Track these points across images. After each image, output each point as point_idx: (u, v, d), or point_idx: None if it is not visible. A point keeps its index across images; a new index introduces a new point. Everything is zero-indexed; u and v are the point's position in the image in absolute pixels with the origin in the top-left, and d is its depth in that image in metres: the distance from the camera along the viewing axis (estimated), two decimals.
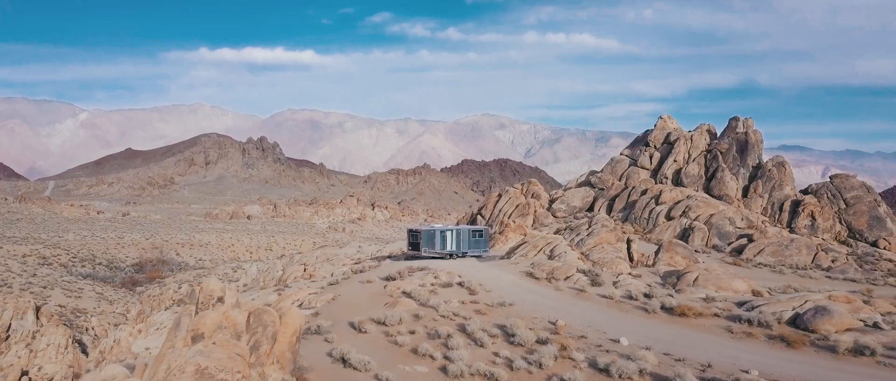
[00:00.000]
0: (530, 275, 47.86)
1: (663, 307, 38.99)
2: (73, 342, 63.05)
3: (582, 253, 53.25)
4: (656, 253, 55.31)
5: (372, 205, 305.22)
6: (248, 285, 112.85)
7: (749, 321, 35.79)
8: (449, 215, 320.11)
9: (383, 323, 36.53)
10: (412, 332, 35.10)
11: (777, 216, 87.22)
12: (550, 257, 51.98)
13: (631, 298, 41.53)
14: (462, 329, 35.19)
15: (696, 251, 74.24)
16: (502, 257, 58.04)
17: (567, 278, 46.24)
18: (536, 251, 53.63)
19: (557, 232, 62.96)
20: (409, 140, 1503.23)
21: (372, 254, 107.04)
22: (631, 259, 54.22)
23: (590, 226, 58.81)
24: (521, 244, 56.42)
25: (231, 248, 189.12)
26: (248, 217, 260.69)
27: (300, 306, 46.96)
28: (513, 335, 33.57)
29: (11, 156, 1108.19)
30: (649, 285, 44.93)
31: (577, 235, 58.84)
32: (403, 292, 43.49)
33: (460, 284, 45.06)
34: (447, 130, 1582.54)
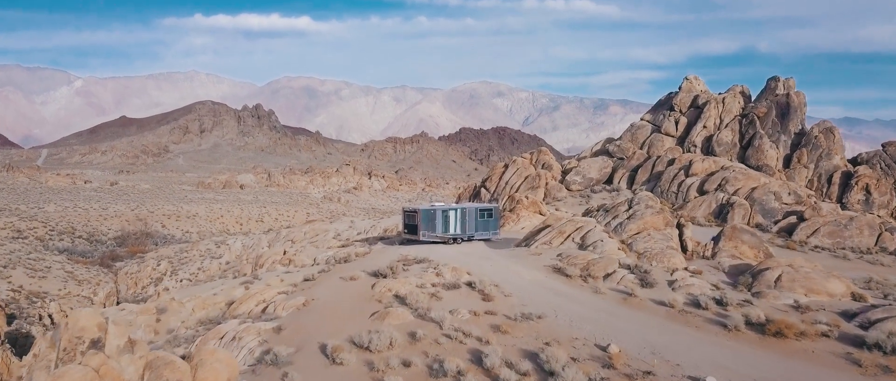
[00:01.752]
0: (559, 271, 37.38)
1: (748, 322, 28.62)
2: (4, 343, 53.11)
3: (622, 242, 42.70)
4: (715, 241, 44.61)
5: (368, 174, 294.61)
6: (230, 262, 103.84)
7: (879, 347, 25.47)
8: (447, 183, 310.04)
9: (367, 348, 26.27)
10: (407, 364, 24.85)
11: (825, 190, 76.82)
12: (582, 247, 41.46)
13: (698, 306, 31.15)
14: (477, 360, 24.96)
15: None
16: (519, 245, 47.35)
17: (607, 275, 35.80)
18: (563, 238, 43.08)
19: (588, 213, 51.85)
20: (406, 108, 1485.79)
21: (364, 230, 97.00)
22: (684, 249, 43.81)
23: (630, 206, 47.82)
24: (543, 229, 45.73)
25: (220, 219, 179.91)
26: (241, 187, 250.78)
27: (264, 310, 36.79)
28: (552, 374, 23.32)
29: (6, 124, 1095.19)
30: (716, 287, 34.52)
31: (613, 217, 47.91)
32: (396, 296, 33.24)
33: (470, 284, 34.65)
34: (445, 98, 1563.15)
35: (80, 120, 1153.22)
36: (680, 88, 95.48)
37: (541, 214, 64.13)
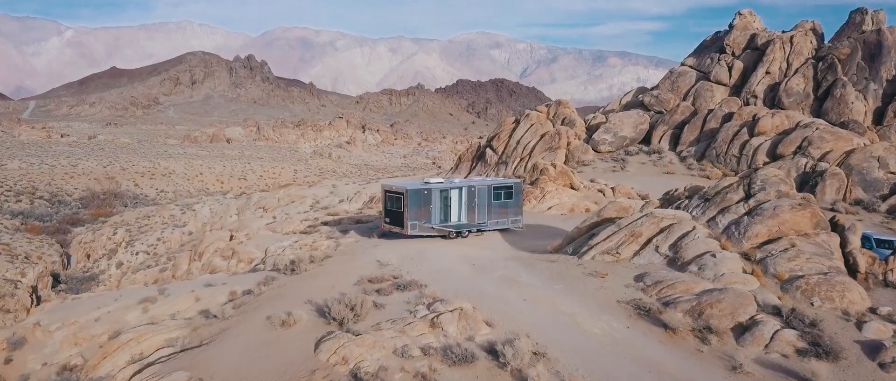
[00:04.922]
0: (647, 315, 21.00)
1: None
2: None
3: (746, 256, 25.97)
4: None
5: (362, 128, 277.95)
6: (194, 232, 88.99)
7: None
8: (444, 138, 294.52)
9: None
10: None
11: None
12: (676, 263, 24.14)
13: None
14: None
15: (831, 209, 47.85)
16: (561, 250, 30.19)
17: (743, 328, 19.58)
18: (639, 244, 26.12)
19: (671, 201, 33.63)
20: (402, 59, 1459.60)
21: (347, 197, 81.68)
22: (851, 270, 26.89)
23: (748, 194, 29.29)
24: (600, 223, 28.90)
25: (199, 177, 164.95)
26: (228, 141, 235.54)
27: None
28: None
29: None
30: None
31: (720, 211, 28.86)
32: (354, 378, 17.27)
33: (493, 352, 18.34)
34: (441, 49, 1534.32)
35: (72, 71, 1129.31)
36: (731, 25, 78.20)
37: (572, 188, 47.92)
